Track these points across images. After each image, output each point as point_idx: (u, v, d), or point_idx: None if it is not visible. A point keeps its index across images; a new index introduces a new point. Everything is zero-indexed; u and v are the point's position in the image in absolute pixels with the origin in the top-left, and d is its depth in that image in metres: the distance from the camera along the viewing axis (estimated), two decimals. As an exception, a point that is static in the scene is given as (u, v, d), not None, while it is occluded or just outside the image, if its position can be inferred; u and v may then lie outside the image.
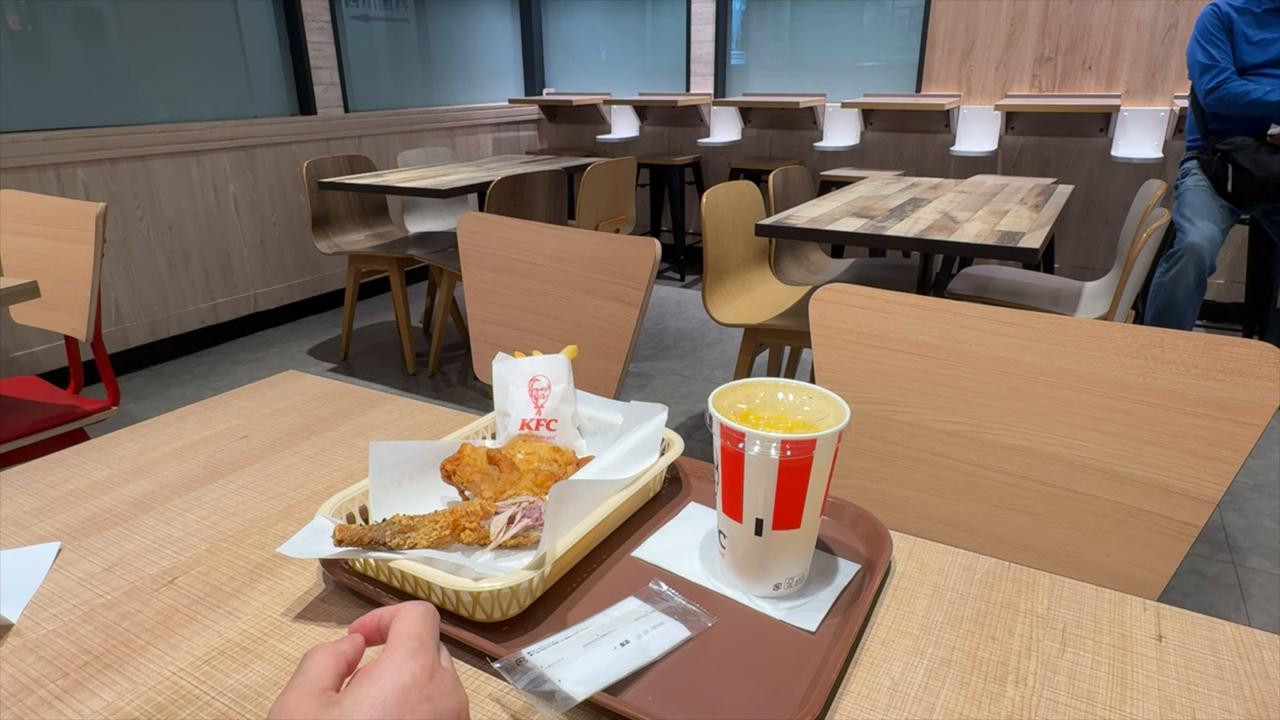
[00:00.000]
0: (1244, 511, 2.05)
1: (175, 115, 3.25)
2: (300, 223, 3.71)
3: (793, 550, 0.53)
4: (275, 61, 3.62)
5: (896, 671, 0.48)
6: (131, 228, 3.08)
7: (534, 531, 0.56)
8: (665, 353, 3.30)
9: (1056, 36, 3.61)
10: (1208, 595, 1.73)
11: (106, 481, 0.72)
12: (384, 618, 0.40)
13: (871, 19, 4.12)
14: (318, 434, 0.81)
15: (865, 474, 0.89)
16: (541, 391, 0.71)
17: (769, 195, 2.48)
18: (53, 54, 2.85)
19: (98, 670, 0.48)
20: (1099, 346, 0.75)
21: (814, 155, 4.32)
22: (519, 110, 4.99)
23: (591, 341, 1.16)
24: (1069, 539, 0.78)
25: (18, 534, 0.63)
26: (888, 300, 0.86)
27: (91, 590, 0.56)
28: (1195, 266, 2.47)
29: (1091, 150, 3.66)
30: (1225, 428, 0.69)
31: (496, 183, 2.57)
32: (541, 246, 1.22)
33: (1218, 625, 0.52)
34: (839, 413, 0.53)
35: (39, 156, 2.77)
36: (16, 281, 1.29)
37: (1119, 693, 0.46)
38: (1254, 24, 2.51)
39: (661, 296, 4.13)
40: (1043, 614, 0.53)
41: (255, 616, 0.53)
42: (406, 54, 4.31)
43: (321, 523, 0.54)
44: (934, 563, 0.59)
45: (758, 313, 2.17)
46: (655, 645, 0.48)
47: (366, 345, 3.43)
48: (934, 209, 2.16)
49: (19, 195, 1.64)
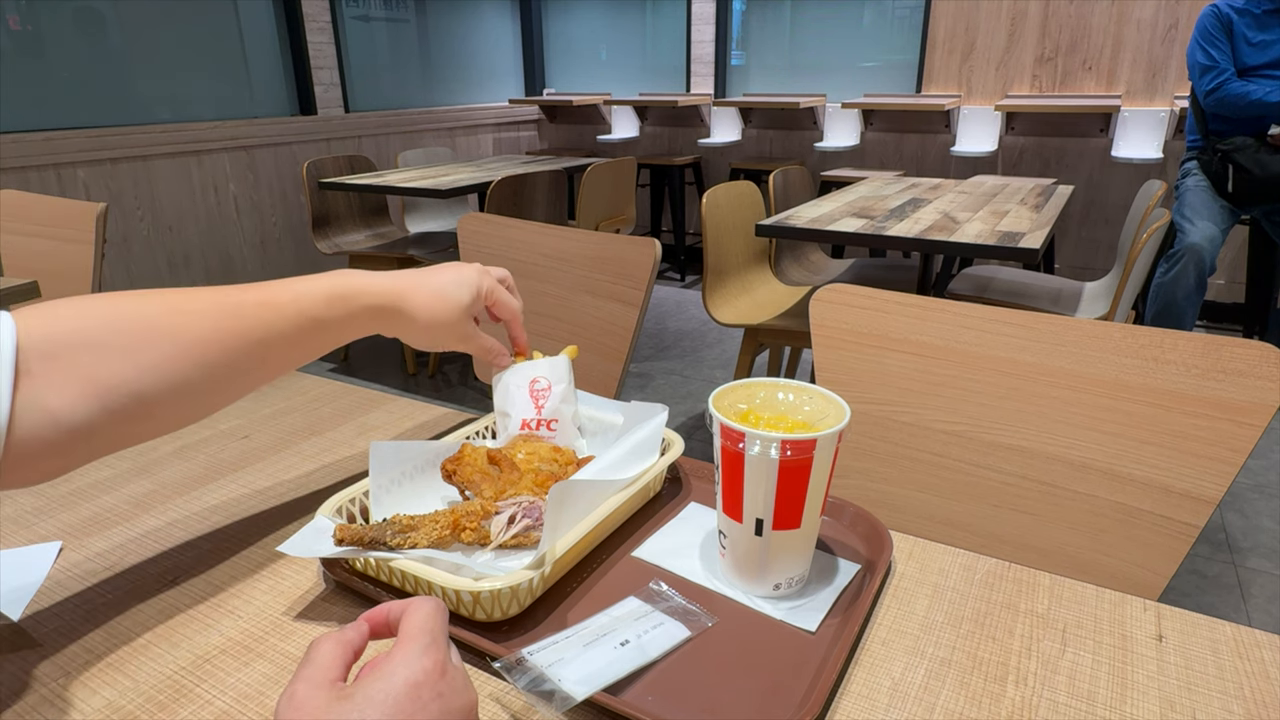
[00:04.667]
0: (1244, 512, 2.05)
1: (175, 115, 3.25)
2: (300, 223, 3.71)
3: (793, 550, 0.53)
4: (275, 61, 3.62)
5: (897, 671, 0.48)
6: (131, 228, 3.08)
7: (534, 531, 0.56)
8: (665, 353, 3.30)
9: (1057, 37, 3.61)
10: (1208, 595, 1.73)
11: (108, 481, 0.72)
12: (393, 611, 0.40)
13: (871, 19, 4.12)
14: (318, 434, 0.81)
15: (865, 474, 0.89)
16: (542, 392, 0.71)
17: (769, 195, 2.48)
18: (53, 54, 2.85)
19: (99, 669, 0.48)
20: (1099, 347, 0.75)
21: (814, 155, 4.32)
22: (519, 110, 4.99)
23: (591, 341, 1.16)
24: (1069, 539, 0.78)
25: (19, 533, 0.64)
26: (888, 300, 0.86)
27: (93, 589, 0.56)
28: (1195, 267, 2.47)
29: (1092, 150, 3.66)
30: (1225, 428, 0.69)
31: (497, 183, 2.58)
32: (541, 247, 1.22)
33: (1218, 625, 0.52)
34: (839, 413, 0.53)
35: (39, 156, 2.77)
36: (16, 281, 1.29)
37: (1119, 693, 0.46)
38: (1254, 25, 2.51)
39: (661, 296, 4.13)
40: (1043, 614, 0.53)
41: (256, 615, 0.53)
42: (407, 54, 4.31)
43: (322, 522, 0.54)
44: (934, 563, 0.59)
45: (758, 313, 2.17)
46: (655, 645, 0.48)
47: (367, 345, 3.43)
48: (934, 209, 2.16)
49: (19, 195, 1.64)
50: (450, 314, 0.64)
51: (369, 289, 0.60)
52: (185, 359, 0.49)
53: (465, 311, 0.65)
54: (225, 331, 0.52)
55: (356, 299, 0.59)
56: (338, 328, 0.59)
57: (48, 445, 0.44)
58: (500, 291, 0.69)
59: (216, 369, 0.51)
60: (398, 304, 0.62)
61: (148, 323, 0.49)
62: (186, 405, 0.51)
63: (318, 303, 0.57)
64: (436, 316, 0.64)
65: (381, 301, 0.61)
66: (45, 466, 0.45)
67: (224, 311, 0.52)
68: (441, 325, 0.64)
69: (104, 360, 0.46)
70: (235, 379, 0.53)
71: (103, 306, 0.48)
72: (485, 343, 0.69)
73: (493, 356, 0.71)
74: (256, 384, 0.56)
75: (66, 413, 0.44)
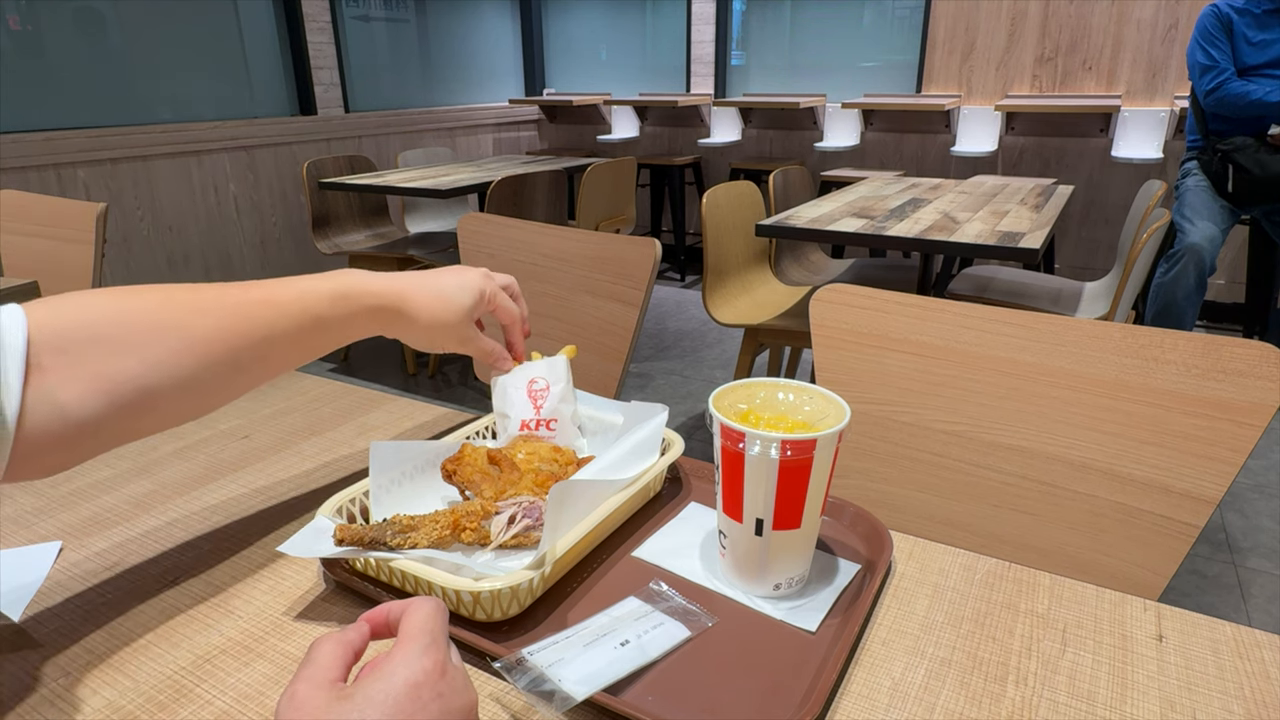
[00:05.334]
0: (1244, 512, 2.05)
1: (175, 115, 3.25)
2: (300, 223, 3.71)
3: (793, 550, 0.53)
4: (276, 61, 3.62)
5: (897, 672, 0.48)
6: (131, 228, 3.08)
7: (534, 531, 0.56)
8: (665, 353, 3.30)
9: (1057, 37, 3.61)
10: (1208, 595, 1.73)
11: (108, 481, 0.72)
12: (393, 612, 0.40)
13: (871, 19, 4.12)
14: (319, 434, 0.81)
15: (865, 474, 0.89)
16: (540, 392, 0.71)
17: (769, 195, 2.48)
18: (53, 54, 2.85)
19: (99, 669, 0.48)
20: (1099, 346, 0.75)
21: (814, 155, 4.32)
22: (519, 110, 4.99)
23: (591, 341, 1.16)
24: (1069, 539, 0.78)
25: (19, 533, 0.64)
26: (888, 300, 0.86)
27: (93, 589, 0.56)
28: (1196, 267, 2.47)
29: (1092, 150, 3.66)
30: (1225, 428, 0.69)
31: (497, 183, 2.58)
32: (541, 247, 1.22)
33: (1218, 625, 0.52)
34: (839, 413, 0.53)
35: (39, 156, 2.77)
36: (17, 281, 1.29)
37: (1119, 693, 0.46)
38: (1254, 25, 2.51)
39: (661, 296, 4.13)
40: (1043, 614, 0.53)
41: (256, 615, 0.53)
42: (407, 54, 4.31)
43: (322, 522, 0.54)
44: (934, 563, 0.59)
45: (758, 313, 2.17)
46: (655, 645, 0.48)
47: (367, 346, 3.43)
48: (934, 209, 2.16)
49: (19, 195, 1.64)
50: (452, 316, 0.65)
51: (371, 289, 0.61)
52: (190, 355, 0.50)
53: (467, 315, 0.66)
54: (229, 329, 0.52)
55: (359, 299, 0.60)
56: (340, 327, 0.59)
57: (56, 439, 0.44)
58: (502, 297, 0.70)
59: (220, 366, 0.51)
60: (400, 305, 0.62)
61: (154, 318, 0.49)
62: (190, 401, 0.52)
63: (321, 301, 0.57)
64: (438, 318, 0.64)
65: (384, 302, 0.61)
66: (51, 461, 0.45)
67: (228, 309, 0.53)
68: (442, 327, 0.65)
69: (113, 355, 0.46)
70: (238, 376, 0.54)
71: (109, 301, 0.48)
72: (486, 345, 0.70)
73: (493, 359, 0.71)
74: (257, 381, 0.56)
75: (75, 407, 0.44)
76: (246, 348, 0.53)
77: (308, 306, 0.56)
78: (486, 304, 0.68)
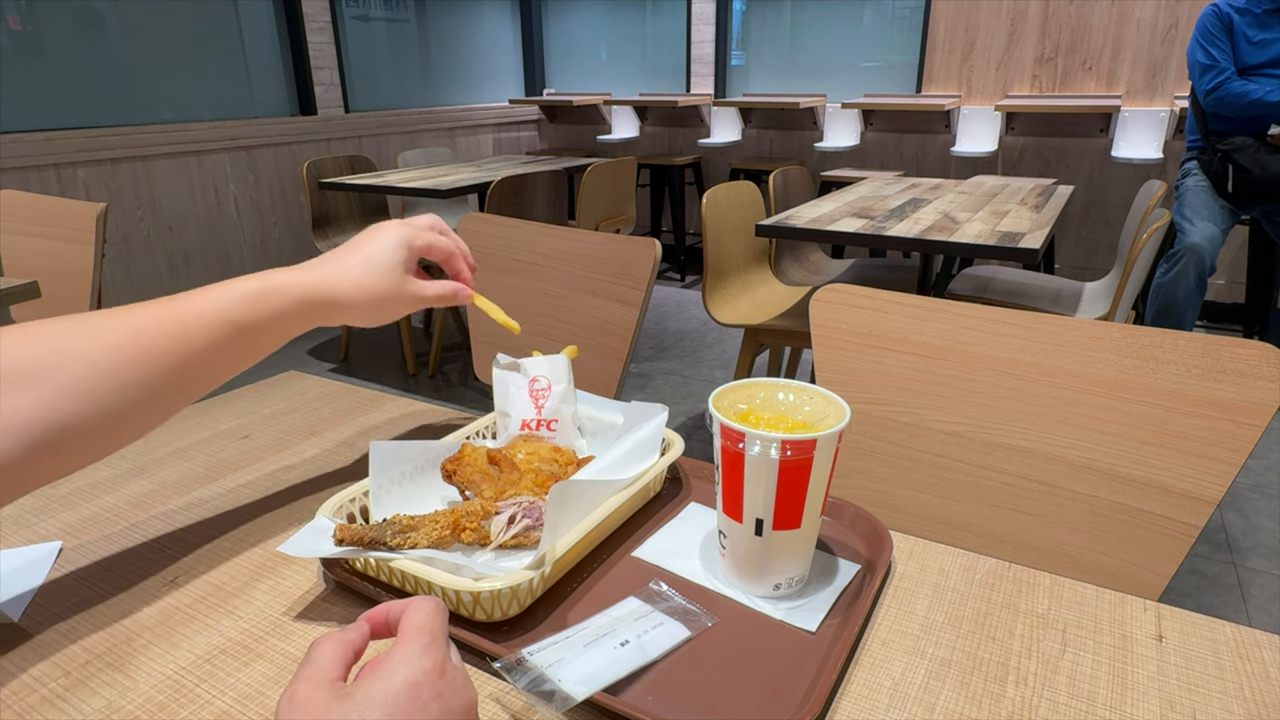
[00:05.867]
0: (1244, 512, 2.05)
1: (175, 115, 3.25)
2: (300, 223, 3.71)
3: (793, 550, 0.53)
4: (275, 61, 3.62)
5: (897, 672, 0.48)
6: (131, 228, 3.08)
7: (534, 531, 0.56)
8: (665, 353, 3.30)
9: (1057, 37, 3.61)
10: (1208, 596, 1.73)
11: (107, 481, 0.72)
12: (393, 611, 0.40)
13: (871, 19, 4.12)
14: (318, 434, 0.81)
15: (865, 474, 0.89)
16: (542, 392, 0.71)
17: (769, 195, 2.48)
18: (53, 54, 2.85)
19: (99, 669, 0.48)
20: (1099, 347, 0.75)
21: (814, 155, 4.32)
22: (519, 110, 4.99)
23: (591, 341, 1.16)
24: (1069, 539, 0.78)
25: (19, 533, 0.64)
26: (888, 300, 0.86)
27: (92, 589, 0.56)
28: (1196, 267, 2.47)
29: (1092, 150, 3.66)
30: (1225, 428, 0.69)
31: (497, 183, 2.58)
32: (542, 247, 1.22)
33: (1218, 625, 0.52)
34: (839, 413, 0.53)
35: (39, 156, 2.77)
36: (16, 281, 1.29)
37: (1119, 693, 0.46)
38: (1254, 24, 2.51)
39: (661, 297, 4.13)
40: (1043, 614, 0.53)
41: (256, 615, 0.53)
42: (407, 54, 4.31)
43: (322, 522, 0.54)
44: (934, 563, 0.59)
45: (758, 313, 2.17)
46: (655, 645, 0.48)
47: (367, 346, 3.43)
48: (934, 209, 2.16)
49: (19, 195, 1.64)
50: (387, 281, 0.61)
51: (291, 284, 0.57)
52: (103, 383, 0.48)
53: (401, 272, 0.62)
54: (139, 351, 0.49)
55: (278, 295, 0.56)
56: (266, 330, 0.56)
57: None
58: (430, 235, 0.65)
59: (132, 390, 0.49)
60: (325, 292, 0.58)
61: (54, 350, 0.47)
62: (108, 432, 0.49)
63: (236, 306, 0.54)
64: (374, 290, 0.60)
65: (307, 294, 0.57)
66: None
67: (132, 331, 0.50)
68: (382, 297, 0.61)
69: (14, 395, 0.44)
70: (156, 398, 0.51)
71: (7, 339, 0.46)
72: (435, 290, 0.65)
73: (450, 298, 0.66)
74: (183, 401, 0.53)
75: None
76: (159, 369, 0.50)
77: (222, 313, 0.54)
78: (417, 251, 0.64)
